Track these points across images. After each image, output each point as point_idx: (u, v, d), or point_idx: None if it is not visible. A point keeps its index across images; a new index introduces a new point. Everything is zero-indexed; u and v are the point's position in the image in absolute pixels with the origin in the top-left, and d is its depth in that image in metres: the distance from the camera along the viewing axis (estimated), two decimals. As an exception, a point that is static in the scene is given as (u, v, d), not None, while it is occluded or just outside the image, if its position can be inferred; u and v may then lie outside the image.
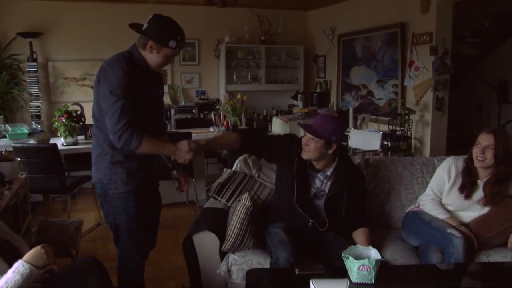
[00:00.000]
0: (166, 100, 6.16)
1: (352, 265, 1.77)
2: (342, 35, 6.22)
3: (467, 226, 2.41)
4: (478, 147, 2.44)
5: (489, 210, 2.43)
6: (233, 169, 2.86)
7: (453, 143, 5.52)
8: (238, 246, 2.32)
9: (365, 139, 4.87)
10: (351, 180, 2.38)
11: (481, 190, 2.45)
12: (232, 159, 3.02)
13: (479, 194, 2.45)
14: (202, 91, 6.69)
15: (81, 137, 4.48)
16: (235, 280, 2.30)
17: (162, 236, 2.47)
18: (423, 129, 4.89)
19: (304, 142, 2.33)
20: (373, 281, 1.77)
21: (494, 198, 2.41)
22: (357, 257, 1.80)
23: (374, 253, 1.88)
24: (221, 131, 4.85)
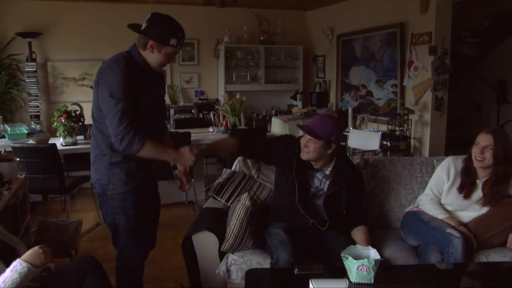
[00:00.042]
0: (166, 100, 6.14)
1: (351, 265, 1.77)
2: (341, 35, 6.22)
3: (466, 226, 2.41)
4: (477, 147, 2.44)
5: (488, 210, 2.43)
6: (233, 169, 2.85)
7: (452, 143, 5.52)
8: (238, 246, 2.32)
9: (364, 139, 4.87)
10: (350, 178, 2.39)
11: (480, 190, 2.45)
12: (232, 159, 3.02)
13: (478, 194, 2.45)
14: (201, 91, 6.69)
15: (80, 137, 4.48)
16: (234, 280, 2.30)
17: (162, 236, 2.47)
18: (422, 129, 4.89)
19: (304, 143, 2.33)
20: (372, 281, 1.77)
21: (493, 198, 2.41)
22: (357, 257, 1.80)
23: (374, 253, 1.88)
24: (220, 131, 4.86)
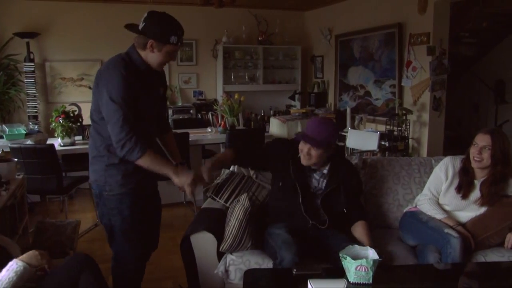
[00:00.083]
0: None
1: (350, 265, 1.77)
2: (340, 36, 6.22)
3: (464, 226, 2.42)
4: (475, 148, 2.45)
5: (486, 210, 2.44)
6: (231, 170, 2.85)
7: (450, 143, 5.53)
8: (236, 247, 2.32)
9: (363, 140, 4.88)
10: (346, 176, 2.41)
11: (478, 190, 2.46)
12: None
13: (476, 194, 2.46)
14: (200, 92, 6.69)
15: (79, 138, 4.47)
16: (233, 281, 2.30)
17: (160, 236, 2.47)
18: (421, 129, 4.90)
19: (305, 152, 2.32)
20: (371, 281, 1.77)
21: (491, 198, 2.42)
22: (355, 257, 1.80)
23: (372, 253, 1.88)
24: (219, 132, 4.87)
